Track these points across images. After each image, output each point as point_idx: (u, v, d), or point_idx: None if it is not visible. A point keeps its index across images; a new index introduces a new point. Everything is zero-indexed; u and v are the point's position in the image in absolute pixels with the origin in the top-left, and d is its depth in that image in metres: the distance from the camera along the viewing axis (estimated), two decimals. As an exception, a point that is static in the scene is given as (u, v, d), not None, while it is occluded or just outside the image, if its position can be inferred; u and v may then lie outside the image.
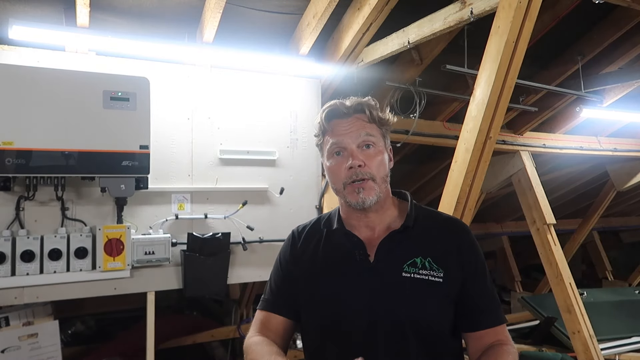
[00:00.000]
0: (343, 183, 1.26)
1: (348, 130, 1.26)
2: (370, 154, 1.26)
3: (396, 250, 1.25)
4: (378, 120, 1.30)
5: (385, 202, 1.30)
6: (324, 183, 3.43)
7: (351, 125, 1.27)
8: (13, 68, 2.49)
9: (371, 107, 1.30)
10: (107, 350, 4.22)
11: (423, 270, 1.22)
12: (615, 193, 6.08)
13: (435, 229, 1.31)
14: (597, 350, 3.71)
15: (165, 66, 3.00)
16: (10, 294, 2.54)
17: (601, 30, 3.83)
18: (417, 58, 3.64)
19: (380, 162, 1.27)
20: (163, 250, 2.82)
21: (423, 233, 1.28)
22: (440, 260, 1.23)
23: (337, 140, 1.27)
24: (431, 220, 1.33)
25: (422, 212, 1.34)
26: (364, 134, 1.26)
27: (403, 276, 1.22)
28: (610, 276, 7.60)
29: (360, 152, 1.25)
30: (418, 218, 1.31)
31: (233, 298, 5.07)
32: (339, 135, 1.27)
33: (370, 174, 1.24)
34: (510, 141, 4.63)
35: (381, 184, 1.26)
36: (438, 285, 1.21)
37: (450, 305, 1.23)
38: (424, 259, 1.23)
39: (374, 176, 1.24)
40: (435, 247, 1.26)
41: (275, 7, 3.08)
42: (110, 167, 2.56)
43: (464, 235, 1.30)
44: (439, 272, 1.22)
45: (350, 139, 1.26)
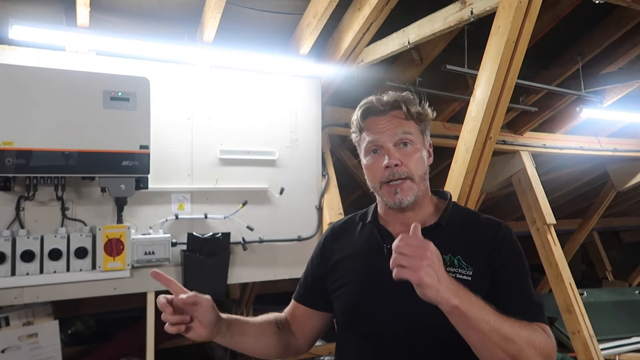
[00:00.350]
0: (380, 182, 1.23)
1: (384, 128, 1.23)
2: (408, 152, 1.22)
3: None
4: (416, 117, 1.25)
5: (423, 199, 1.28)
6: (324, 183, 3.43)
7: (388, 122, 1.24)
8: (13, 68, 2.48)
9: (409, 102, 1.25)
10: (107, 350, 4.22)
11: (451, 268, 1.18)
12: (615, 193, 6.08)
13: (470, 227, 1.26)
14: (597, 350, 3.71)
15: (165, 66, 3.00)
16: (10, 293, 2.54)
17: (601, 30, 3.83)
18: (417, 58, 3.64)
19: (418, 160, 1.23)
20: (163, 250, 2.82)
21: (456, 231, 1.25)
22: (470, 258, 1.19)
23: (374, 139, 1.24)
24: (468, 219, 1.29)
25: (461, 212, 1.32)
26: (401, 132, 1.22)
27: None
28: (610, 276, 7.61)
29: (397, 151, 1.22)
30: (454, 217, 1.28)
31: (233, 298, 5.07)
32: (375, 133, 1.24)
33: (408, 173, 1.21)
34: (510, 141, 4.63)
35: (419, 183, 1.23)
36: (466, 283, 1.13)
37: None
38: (454, 257, 1.19)
39: (411, 175, 1.22)
40: (466, 245, 1.22)
41: (275, 7, 3.08)
42: (110, 167, 2.56)
43: (497, 232, 1.24)
44: (468, 270, 1.17)
45: (386, 137, 1.23)
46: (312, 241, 3.34)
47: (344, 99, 3.82)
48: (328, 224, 3.34)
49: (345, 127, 3.81)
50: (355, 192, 4.95)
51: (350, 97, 3.85)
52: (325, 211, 3.37)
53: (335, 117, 3.76)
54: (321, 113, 3.47)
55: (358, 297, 1.26)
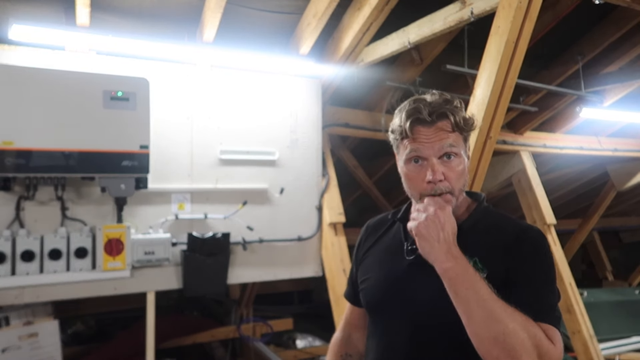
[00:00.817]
0: (420, 194, 1.22)
1: (429, 139, 1.19)
2: (452, 166, 1.20)
3: None
4: (462, 126, 1.22)
5: (458, 206, 1.26)
6: (324, 183, 3.43)
7: (434, 135, 1.19)
8: (13, 68, 2.49)
9: (455, 112, 1.21)
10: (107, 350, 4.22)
11: None
12: (615, 193, 6.08)
13: (496, 231, 1.23)
14: (597, 350, 3.71)
15: (165, 66, 2.99)
16: (11, 293, 2.54)
17: (601, 30, 3.83)
18: (417, 58, 3.64)
19: (461, 174, 1.21)
20: (163, 250, 2.82)
21: (480, 234, 1.23)
22: (487, 261, 1.18)
23: (417, 148, 1.20)
24: (497, 223, 1.26)
25: (492, 216, 1.29)
26: (447, 146, 1.18)
27: None
28: (610, 276, 7.61)
29: (441, 164, 1.19)
30: (482, 220, 1.26)
31: (233, 298, 5.07)
32: (419, 142, 1.20)
33: (450, 188, 1.19)
34: (511, 141, 4.63)
35: (459, 195, 1.22)
36: None
37: None
38: (471, 259, 1.17)
39: (453, 190, 1.20)
40: (487, 248, 1.20)
41: (276, 7, 3.08)
42: (110, 167, 2.56)
43: (520, 234, 1.20)
44: (483, 272, 1.15)
45: (431, 150, 1.19)
46: (312, 241, 3.34)
47: (344, 98, 3.82)
48: (328, 224, 3.34)
49: (345, 127, 3.81)
50: (355, 192, 4.95)
51: (350, 97, 3.85)
52: (325, 211, 3.37)
53: (336, 117, 3.75)
54: (321, 113, 3.47)
55: (376, 293, 1.30)
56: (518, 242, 1.19)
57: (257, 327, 4.89)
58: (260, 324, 4.92)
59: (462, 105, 1.26)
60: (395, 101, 3.81)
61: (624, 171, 5.83)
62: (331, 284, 3.28)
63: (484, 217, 1.28)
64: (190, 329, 4.71)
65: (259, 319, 4.95)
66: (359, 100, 4.02)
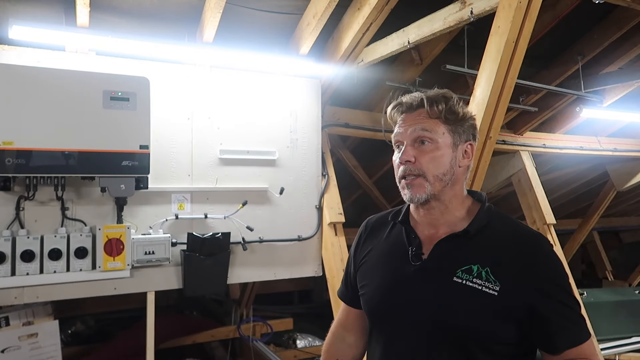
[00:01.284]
0: (398, 177, 1.25)
1: (407, 124, 1.24)
2: (424, 150, 1.21)
3: (453, 254, 1.20)
4: (444, 115, 1.22)
5: (451, 201, 1.25)
6: (324, 183, 3.43)
7: (412, 119, 1.24)
8: (13, 68, 2.48)
9: (434, 101, 1.23)
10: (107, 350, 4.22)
11: (478, 280, 1.15)
12: (615, 193, 6.08)
13: (505, 239, 1.21)
14: (597, 351, 3.71)
15: (165, 66, 2.99)
16: (10, 293, 2.54)
17: (601, 30, 3.83)
18: (417, 58, 3.64)
19: (434, 159, 1.21)
20: (163, 250, 2.82)
21: (489, 241, 1.20)
22: (499, 272, 1.15)
23: (396, 133, 1.27)
24: (504, 229, 1.24)
25: (498, 220, 1.26)
26: (419, 129, 1.22)
27: (454, 281, 1.16)
28: (610, 276, 7.61)
29: (414, 148, 1.22)
30: (489, 224, 1.23)
31: (233, 298, 5.07)
32: (399, 128, 1.26)
33: (420, 170, 1.21)
34: (510, 141, 4.63)
35: (434, 182, 1.21)
36: (492, 298, 1.13)
37: (510, 324, 1.14)
38: (482, 268, 1.15)
39: (424, 173, 1.21)
40: (498, 258, 1.17)
41: (275, 7, 3.07)
42: (110, 167, 2.56)
43: (536, 250, 1.19)
44: (495, 285, 1.13)
45: (405, 134, 1.24)
46: (312, 241, 3.34)
47: (344, 99, 3.82)
48: (328, 224, 3.34)
49: (345, 127, 3.81)
50: (355, 192, 4.95)
51: (350, 97, 3.85)
52: (325, 211, 3.37)
53: (335, 117, 3.75)
54: (321, 113, 3.47)
55: (381, 299, 1.27)
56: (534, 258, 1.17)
57: (257, 327, 4.89)
58: (260, 324, 4.92)
59: (456, 99, 1.26)
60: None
61: (623, 171, 5.83)
62: (331, 284, 3.28)
63: (490, 221, 1.24)
64: (190, 329, 4.72)
65: (259, 319, 4.95)
66: (359, 100, 4.02)
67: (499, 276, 1.14)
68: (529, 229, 1.27)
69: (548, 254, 1.19)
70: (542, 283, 1.15)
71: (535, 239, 1.22)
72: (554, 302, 1.14)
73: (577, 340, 1.16)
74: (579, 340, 1.16)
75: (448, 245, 1.21)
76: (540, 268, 1.16)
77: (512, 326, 1.14)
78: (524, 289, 1.13)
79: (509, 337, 1.15)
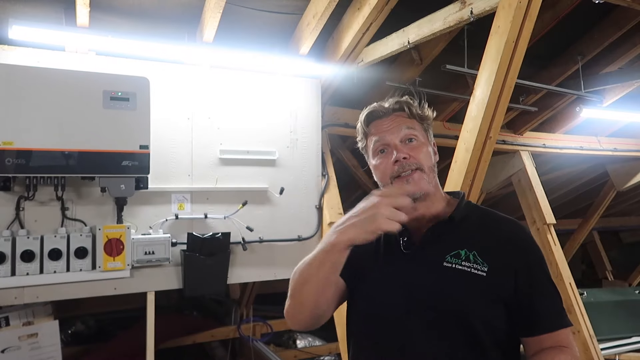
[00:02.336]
0: (390, 177, 1.26)
1: (389, 127, 1.29)
2: (414, 146, 1.27)
3: (440, 241, 1.25)
4: (418, 116, 1.31)
5: (435, 194, 1.30)
6: (324, 183, 3.43)
7: (392, 122, 1.29)
8: (13, 68, 2.48)
9: (409, 104, 1.31)
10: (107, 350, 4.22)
11: (466, 262, 1.20)
12: (615, 193, 6.09)
13: (487, 225, 1.29)
14: (597, 350, 3.71)
15: (165, 66, 2.99)
16: (10, 294, 2.54)
17: (601, 30, 3.83)
18: (417, 58, 3.64)
19: (426, 153, 1.28)
20: (163, 250, 2.82)
21: (472, 227, 1.27)
22: (486, 255, 1.21)
23: (380, 137, 1.29)
24: (484, 216, 1.32)
25: (476, 209, 1.35)
26: (405, 128, 1.28)
27: (444, 266, 1.21)
28: (610, 276, 7.61)
29: (404, 146, 1.27)
30: (469, 213, 1.30)
31: (233, 298, 5.08)
32: (381, 132, 1.29)
33: (417, 164, 1.25)
34: (510, 141, 4.63)
35: (429, 173, 1.27)
36: (481, 278, 1.18)
37: (499, 304, 1.19)
38: (469, 252, 1.21)
39: (421, 166, 1.25)
40: (483, 242, 1.23)
41: (275, 7, 3.07)
42: (110, 167, 2.56)
43: (516, 233, 1.27)
44: (483, 267, 1.19)
45: (392, 134, 1.27)
46: (312, 241, 3.34)
47: (344, 99, 3.82)
48: (328, 224, 3.34)
49: (345, 127, 3.81)
50: (355, 192, 4.95)
51: (350, 97, 3.85)
52: (325, 211, 3.37)
53: (335, 117, 3.76)
54: (321, 113, 3.47)
55: (374, 287, 1.29)
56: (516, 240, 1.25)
57: (257, 327, 4.90)
58: (260, 324, 4.92)
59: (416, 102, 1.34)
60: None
61: (623, 171, 5.83)
62: (331, 284, 3.28)
63: (470, 210, 1.32)
64: (190, 329, 4.72)
65: (259, 319, 4.95)
66: (359, 100, 4.02)
67: (486, 258, 1.20)
68: (506, 217, 1.33)
69: (527, 239, 1.27)
70: (524, 265, 1.21)
71: (514, 224, 1.30)
72: (536, 283, 1.21)
73: (555, 325, 1.20)
74: (558, 325, 1.20)
75: (435, 233, 1.26)
76: (521, 251, 1.23)
77: (500, 307, 1.19)
78: (508, 269, 1.20)
79: (497, 319, 1.19)
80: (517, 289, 1.19)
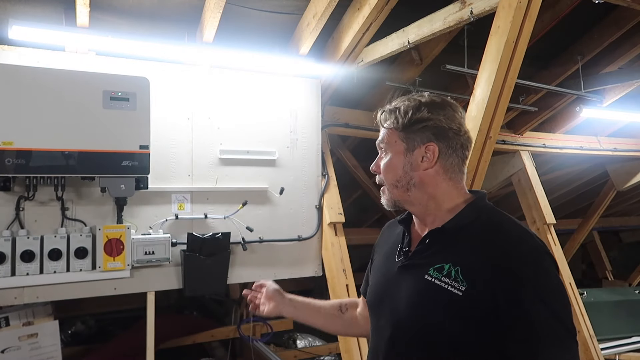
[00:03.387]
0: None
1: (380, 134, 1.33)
2: (380, 160, 1.29)
3: (430, 251, 1.19)
4: (392, 123, 1.26)
5: (429, 204, 1.21)
6: (324, 183, 3.43)
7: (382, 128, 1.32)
8: (13, 68, 2.48)
9: (388, 111, 1.29)
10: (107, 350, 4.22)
11: (446, 278, 1.10)
12: (615, 193, 6.09)
13: (486, 238, 1.12)
14: (597, 350, 3.71)
15: (165, 66, 2.99)
16: (10, 294, 2.54)
17: (601, 30, 3.83)
18: (417, 58, 3.64)
19: (385, 167, 1.26)
20: (163, 250, 2.82)
21: (467, 239, 1.14)
22: (470, 272, 1.08)
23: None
24: (489, 227, 1.15)
25: (484, 217, 1.18)
26: (378, 140, 1.31)
27: (425, 278, 1.14)
28: (610, 276, 7.61)
29: (379, 159, 1.30)
30: (474, 221, 1.17)
31: (233, 298, 5.07)
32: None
33: (380, 180, 1.29)
34: (510, 141, 4.63)
35: (392, 190, 1.25)
36: (456, 298, 1.07)
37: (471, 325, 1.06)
38: (453, 267, 1.10)
39: (382, 182, 1.28)
40: (472, 258, 1.10)
41: (275, 7, 3.07)
42: (110, 167, 2.56)
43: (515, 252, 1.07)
44: (461, 285, 1.07)
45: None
46: (312, 241, 3.34)
47: (343, 99, 3.82)
48: (328, 224, 3.34)
49: (345, 127, 3.81)
50: (355, 192, 4.95)
51: (350, 97, 3.85)
52: (325, 211, 3.37)
53: (335, 117, 3.75)
54: (321, 113, 3.47)
55: (372, 295, 1.34)
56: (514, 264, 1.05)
57: (257, 327, 4.89)
58: (260, 324, 4.92)
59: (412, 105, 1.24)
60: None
61: (623, 171, 5.83)
62: (331, 284, 3.28)
63: (477, 218, 1.17)
64: (190, 329, 4.71)
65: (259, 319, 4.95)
66: (359, 100, 4.02)
67: (468, 277, 1.07)
68: (519, 232, 1.14)
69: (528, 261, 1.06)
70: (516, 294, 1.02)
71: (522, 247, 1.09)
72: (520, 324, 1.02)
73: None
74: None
75: (429, 242, 1.20)
76: (512, 276, 1.03)
77: (474, 330, 1.06)
78: (492, 294, 1.03)
79: (471, 339, 1.07)
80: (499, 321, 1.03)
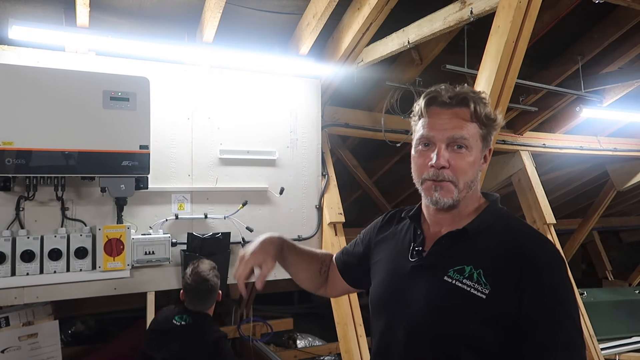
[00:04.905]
0: (422, 178, 1.18)
1: (442, 124, 1.15)
2: (459, 156, 1.14)
3: (449, 252, 1.16)
4: (483, 119, 1.16)
5: (466, 205, 1.20)
6: (324, 183, 3.43)
7: (448, 120, 1.15)
8: (13, 68, 2.48)
9: (477, 101, 1.15)
10: (107, 350, 4.22)
11: (468, 281, 1.09)
12: (615, 193, 6.09)
13: (506, 241, 1.13)
14: (597, 350, 3.71)
15: (165, 66, 2.99)
16: (10, 294, 2.54)
17: (601, 30, 3.84)
18: (417, 58, 3.64)
19: (468, 166, 1.14)
20: (163, 250, 2.82)
21: (489, 242, 1.14)
22: (493, 275, 1.08)
23: (427, 135, 1.16)
24: (508, 231, 1.16)
25: (503, 220, 1.19)
26: (458, 135, 1.14)
27: (444, 280, 1.12)
28: (610, 276, 7.61)
29: (449, 152, 1.14)
30: (493, 225, 1.17)
31: (233, 298, 5.07)
32: (431, 125, 1.16)
33: (452, 177, 1.14)
34: (510, 141, 4.63)
35: (462, 189, 1.15)
36: (479, 301, 1.06)
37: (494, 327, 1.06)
38: (475, 270, 1.09)
39: (456, 181, 1.14)
40: (494, 260, 1.10)
41: (275, 7, 3.07)
42: (110, 167, 2.56)
43: (537, 256, 1.09)
44: (485, 288, 1.06)
45: (441, 134, 1.14)
46: (312, 241, 3.34)
47: (343, 99, 3.82)
48: (328, 224, 3.34)
49: (345, 127, 3.81)
50: (356, 192, 4.95)
51: (350, 97, 3.85)
52: (325, 211, 3.37)
53: (335, 117, 3.76)
54: (321, 113, 3.47)
55: (380, 292, 1.29)
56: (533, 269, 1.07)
57: (257, 327, 4.89)
58: (260, 324, 4.92)
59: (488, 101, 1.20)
60: (395, 101, 3.82)
61: (623, 171, 5.84)
62: (331, 284, 3.28)
63: (496, 221, 1.18)
64: (191, 329, 4.70)
65: (259, 319, 4.95)
66: (359, 100, 4.02)
67: (491, 279, 1.08)
68: (534, 234, 1.18)
69: (550, 264, 1.09)
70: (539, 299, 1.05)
71: (540, 246, 1.13)
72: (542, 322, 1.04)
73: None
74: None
75: (446, 243, 1.18)
76: (537, 279, 1.06)
77: (495, 331, 1.07)
78: (515, 297, 1.05)
79: (491, 340, 1.08)
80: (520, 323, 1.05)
